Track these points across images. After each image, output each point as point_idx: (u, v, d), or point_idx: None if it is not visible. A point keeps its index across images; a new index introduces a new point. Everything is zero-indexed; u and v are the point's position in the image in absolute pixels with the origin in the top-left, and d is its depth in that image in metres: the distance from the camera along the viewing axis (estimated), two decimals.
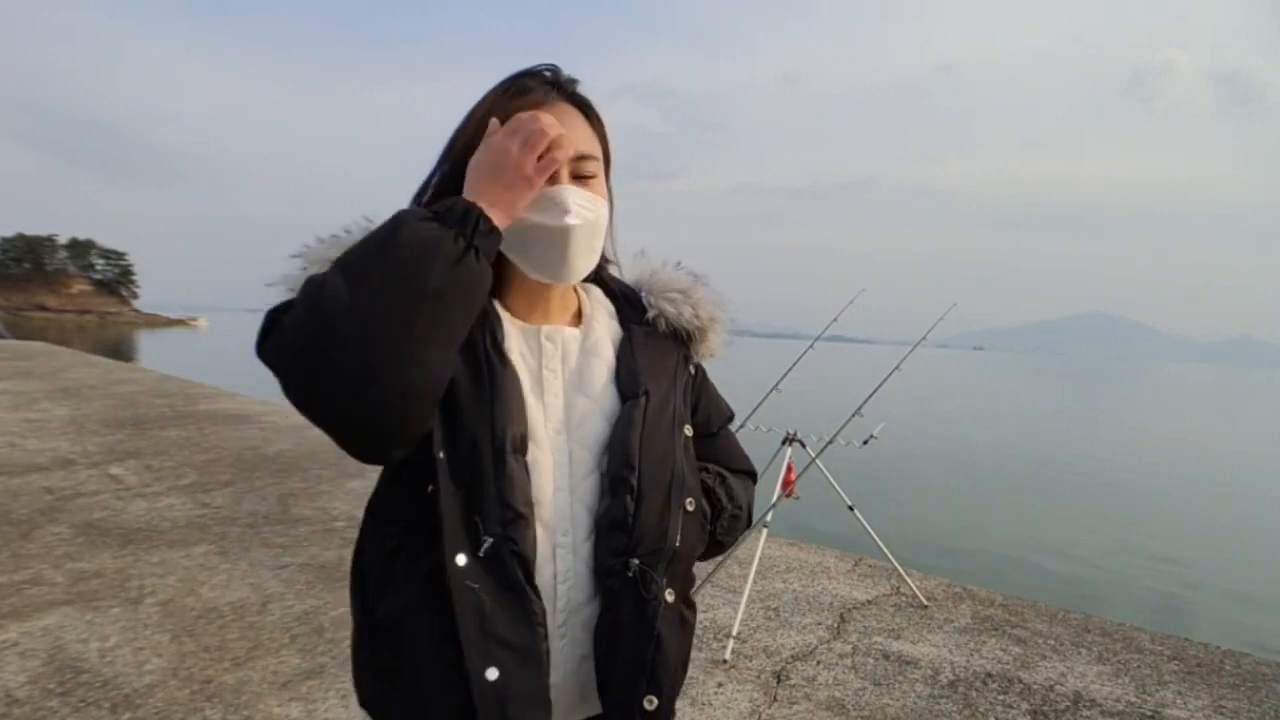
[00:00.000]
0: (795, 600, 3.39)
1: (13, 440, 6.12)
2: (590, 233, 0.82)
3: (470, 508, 0.74)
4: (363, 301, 0.64)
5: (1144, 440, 22.47)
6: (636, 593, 0.79)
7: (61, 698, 2.30)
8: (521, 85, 0.80)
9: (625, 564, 0.79)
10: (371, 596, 0.79)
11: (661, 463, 0.83)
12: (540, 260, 0.82)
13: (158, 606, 2.98)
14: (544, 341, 0.85)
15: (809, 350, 3.68)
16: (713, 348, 0.98)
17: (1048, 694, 2.64)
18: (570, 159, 0.79)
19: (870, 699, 2.54)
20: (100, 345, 31.73)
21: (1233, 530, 10.12)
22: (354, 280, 0.65)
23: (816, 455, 3.30)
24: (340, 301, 0.64)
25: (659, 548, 0.81)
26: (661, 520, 0.81)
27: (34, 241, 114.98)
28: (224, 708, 2.28)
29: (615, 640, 0.79)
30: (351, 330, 0.64)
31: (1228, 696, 2.70)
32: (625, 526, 0.79)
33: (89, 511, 4.20)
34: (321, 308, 0.65)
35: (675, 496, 0.83)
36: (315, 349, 0.65)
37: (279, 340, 0.68)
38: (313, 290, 0.66)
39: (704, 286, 0.97)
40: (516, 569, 0.74)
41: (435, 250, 0.67)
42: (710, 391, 1.01)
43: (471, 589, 0.72)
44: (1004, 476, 13.18)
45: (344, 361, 0.64)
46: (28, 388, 9.67)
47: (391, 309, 0.65)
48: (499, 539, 0.74)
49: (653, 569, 0.80)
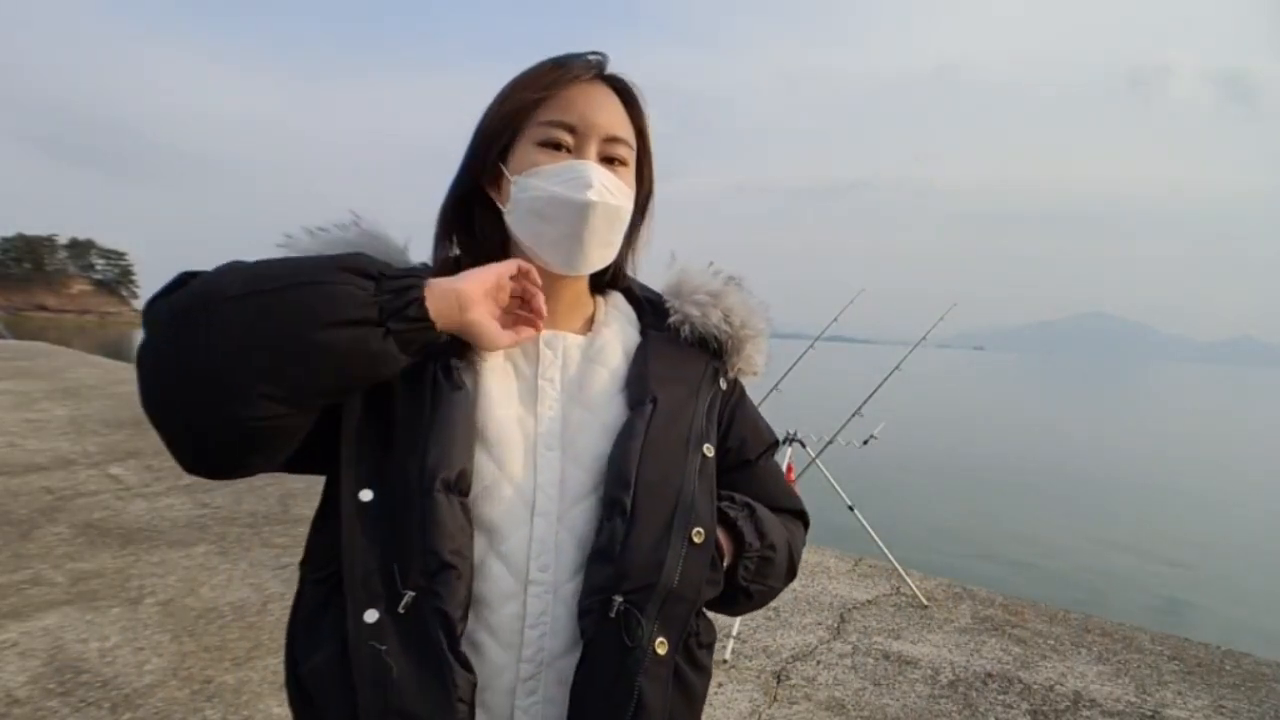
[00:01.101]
0: (795, 600, 3.39)
1: (13, 440, 6.11)
2: (610, 218, 0.74)
3: (389, 555, 0.63)
4: (241, 312, 0.58)
5: (1144, 440, 22.47)
6: (618, 639, 0.65)
7: (61, 698, 2.30)
8: (563, 61, 0.75)
9: (607, 601, 0.65)
10: (300, 649, 0.68)
11: (665, 481, 0.71)
12: (554, 240, 0.74)
13: (158, 606, 2.98)
14: (543, 348, 0.77)
15: (809, 350, 3.69)
16: (754, 362, 0.85)
17: (1048, 694, 2.64)
18: (600, 138, 0.74)
19: (870, 699, 2.54)
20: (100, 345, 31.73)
21: (1233, 530, 10.12)
22: (253, 289, 0.59)
23: (816, 455, 3.30)
24: (225, 300, 0.59)
25: (650, 583, 0.66)
26: (658, 550, 0.67)
27: (34, 241, 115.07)
28: (224, 708, 2.28)
29: (581, 696, 0.66)
30: (214, 333, 0.58)
31: (1228, 696, 2.70)
32: (610, 556, 0.66)
33: (89, 511, 4.20)
34: (208, 291, 0.59)
35: (679, 523, 0.69)
36: (184, 324, 0.59)
37: (170, 305, 0.61)
38: (219, 272, 0.61)
39: (738, 290, 0.85)
40: (437, 629, 0.62)
41: (342, 306, 0.60)
42: (749, 412, 0.88)
43: (377, 652, 0.61)
44: (1004, 476, 13.17)
45: (200, 357, 0.58)
46: (28, 388, 9.67)
47: (262, 336, 0.58)
48: (422, 592, 0.62)
49: (640, 610, 0.65)
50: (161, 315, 0.60)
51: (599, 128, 0.74)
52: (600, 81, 0.76)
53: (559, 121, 0.73)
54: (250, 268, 0.62)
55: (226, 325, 0.58)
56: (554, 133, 0.73)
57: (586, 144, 0.74)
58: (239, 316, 0.58)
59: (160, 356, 0.59)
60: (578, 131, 0.74)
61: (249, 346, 0.57)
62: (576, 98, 0.74)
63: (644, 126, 0.80)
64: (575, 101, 0.74)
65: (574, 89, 0.74)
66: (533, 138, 0.74)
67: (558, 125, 0.73)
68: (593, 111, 0.74)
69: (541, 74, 0.74)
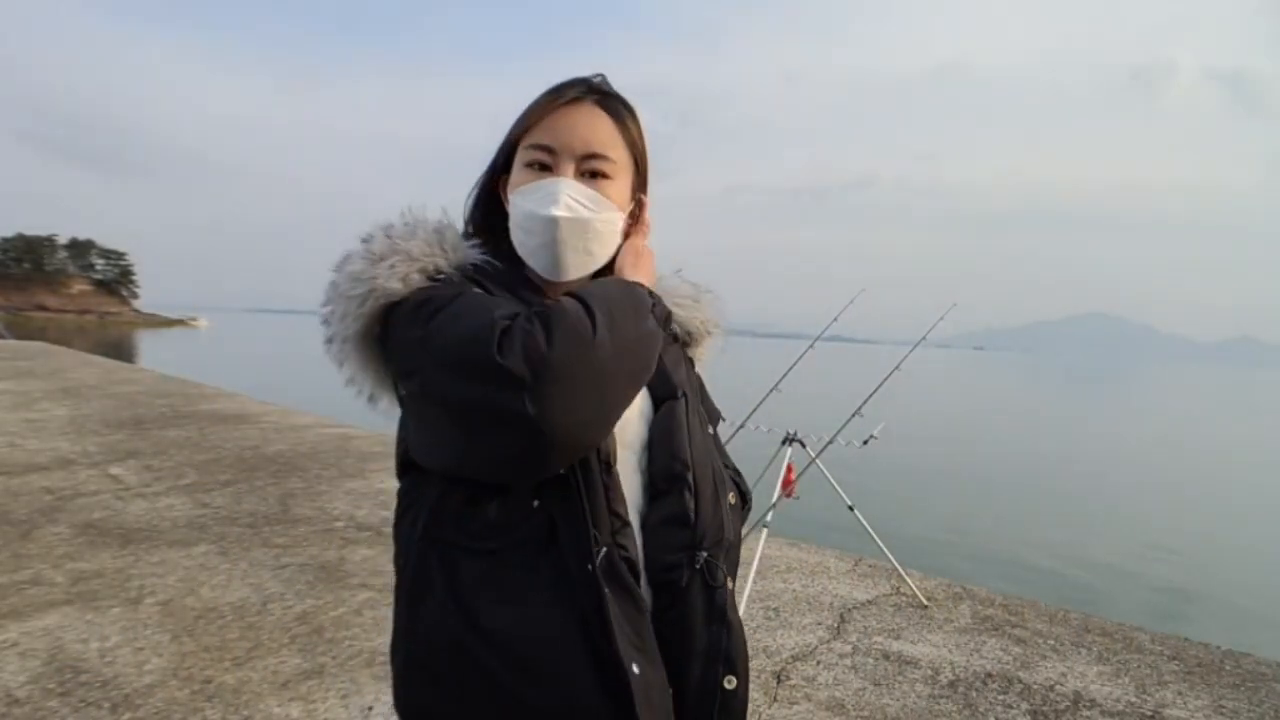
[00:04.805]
0: (795, 600, 3.39)
1: (13, 440, 6.12)
2: (580, 231, 0.84)
3: (584, 519, 0.77)
4: (615, 345, 0.73)
5: (1143, 440, 22.46)
6: (704, 583, 0.83)
7: (61, 698, 2.30)
8: (557, 88, 0.86)
9: (692, 557, 0.82)
10: (480, 610, 0.77)
11: (705, 460, 0.88)
12: (533, 251, 0.86)
13: (158, 606, 2.98)
14: None
15: (809, 350, 3.68)
16: (706, 354, 1.04)
17: (1048, 694, 2.64)
18: (577, 156, 0.84)
19: (870, 699, 2.54)
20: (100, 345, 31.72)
21: (1233, 530, 10.12)
22: (609, 327, 0.73)
23: (816, 455, 3.30)
24: (602, 343, 0.72)
25: (719, 540, 0.85)
26: (717, 514, 0.86)
27: (34, 241, 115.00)
28: (224, 708, 2.27)
29: (686, 630, 0.83)
30: (604, 364, 0.72)
31: (1228, 696, 2.70)
32: (687, 522, 0.83)
33: (89, 511, 4.20)
34: (585, 340, 0.71)
35: (721, 492, 0.88)
36: (582, 367, 0.71)
37: (534, 352, 0.70)
38: (573, 322, 0.72)
39: (706, 294, 1.02)
40: (627, 574, 0.78)
41: (644, 315, 0.79)
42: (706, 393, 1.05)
43: (604, 593, 0.75)
44: (1004, 476, 13.18)
45: (600, 382, 0.72)
46: (28, 388, 9.67)
47: (629, 354, 0.75)
48: (611, 547, 0.77)
49: (717, 560, 0.84)
50: (559, 366, 0.70)
51: (574, 147, 0.84)
52: (589, 102, 0.86)
53: (539, 144, 0.85)
54: (607, 326, 0.73)
55: (615, 370, 0.74)
56: (536, 154, 0.85)
57: (563, 162, 0.84)
58: (620, 365, 0.74)
59: (566, 409, 0.70)
60: (555, 151, 0.84)
61: (630, 381, 0.77)
62: (558, 121, 0.85)
63: (638, 146, 0.90)
64: (556, 124, 0.85)
65: (559, 113, 0.85)
66: (522, 160, 0.86)
67: (539, 148, 0.85)
68: (570, 132, 0.85)
69: (536, 101, 0.86)
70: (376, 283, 0.79)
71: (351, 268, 0.80)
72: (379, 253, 0.80)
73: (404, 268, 0.79)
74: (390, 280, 0.78)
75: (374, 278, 0.79)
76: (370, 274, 0.79)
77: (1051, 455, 16.56)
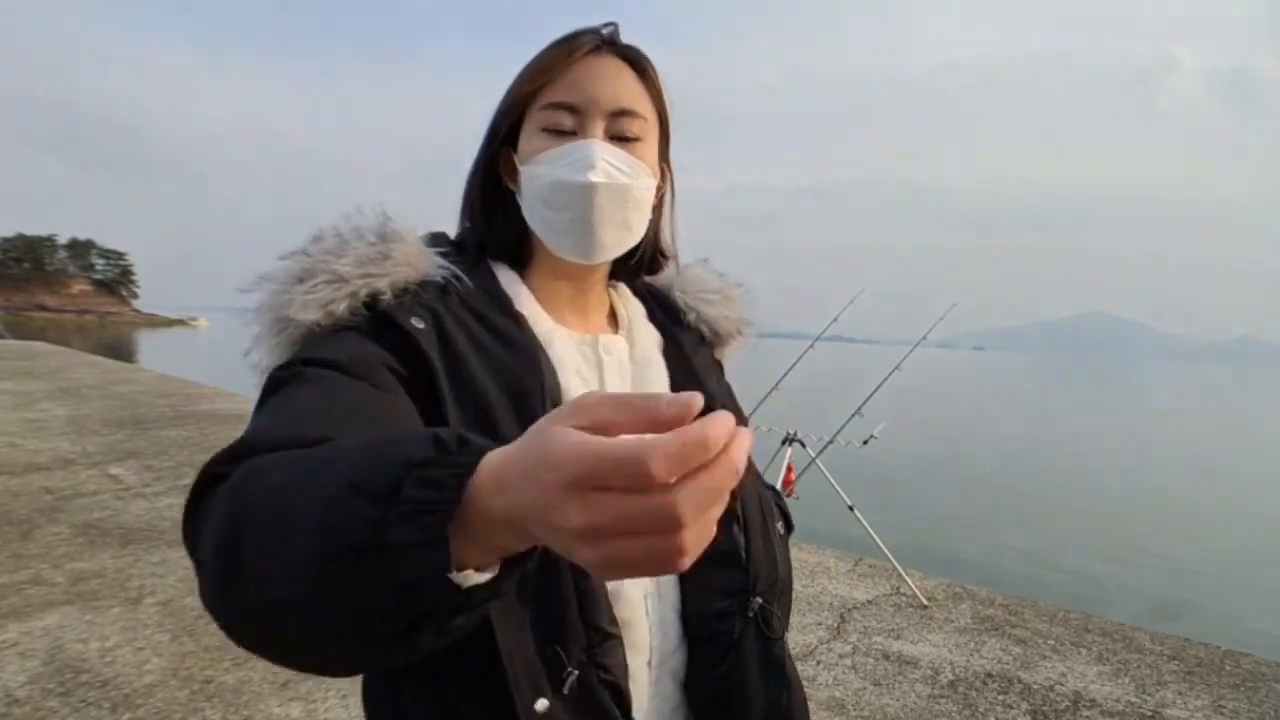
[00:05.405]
0: (795, 600, 3.38)
1: (13, 440, 6.11)
2: (620, 198, 0.70)
3: (547, 638, 0.59)
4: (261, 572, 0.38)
5: (1143, 440, 22.47)
6: (759, 633, 0.70)
7: (61, 698, 2.30)
8: (567, 38, 0.71)
9: (744, 604, 0.69)
10: None
11: (750, 484, 0.74)
12: (562, 228, 0.70)
13: (158, 606, 2.98)
14: (602, 354, 0.73)
15: (809, 350, 3.69)
16: (732, 353, 0.89)
17: (1048, 694, 2.64)
18: (606, 114, 0.69)
19: (870, 699, 2.54)
20: (100, 345, 31.72)
21: (1234, 530, 10.12)
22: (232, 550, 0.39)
23: (816, 455, 3.30)
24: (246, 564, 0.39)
25: (773, 581, 0.71)
26: (769, 549, 0.72)
27: (34, 241, 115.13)
28: (224, 708, 2.28)
29: (738, 690, 0.69)
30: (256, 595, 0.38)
31: (1228, 696, 2.70)
32: (738, 561, 0.69)
33: (89, 511, 4.20)
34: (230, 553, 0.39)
35: (768, 521, 0.73)
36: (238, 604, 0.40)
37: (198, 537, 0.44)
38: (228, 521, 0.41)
39: (736, 287, 0.88)
40: (609, 702, 0.61)
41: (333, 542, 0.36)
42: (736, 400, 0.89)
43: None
44: (1004, 476, 13.18)
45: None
46: (28, 388, 9.67)
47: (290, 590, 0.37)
48: (584, 668, 0.60)
49: (772, 605, 0.71)
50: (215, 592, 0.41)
51: (603, 103, 0.69)
52: (608, 53, 0.71)
53: (560, 103, 0.69)
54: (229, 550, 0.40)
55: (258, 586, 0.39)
56: (556, 115, 0.69)
57: (591, 122, 0.69)
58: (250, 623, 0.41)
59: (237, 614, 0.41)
60: (580, 110, 0.69)
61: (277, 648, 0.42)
62: (579, 75, 0.69)
63: (662, 103, 0.75)
64: (578, 79, 0.69)
65: (577, 66, 0.70)
66: (537, 123, 0.70)
67: (559, 107, 0.69)
68: (596, 86, 0.69)
69: (545, 55, 0.70)
70: (288, 312, 0.61)
71: (269, 288, 0.63)
72: (298, 272, 0.63)
73: (326, 293, 0.61)
74: (306, 310, 0.61)
75: (288, 304, 0.61)
76: (284, 299, 0.62)
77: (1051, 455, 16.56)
